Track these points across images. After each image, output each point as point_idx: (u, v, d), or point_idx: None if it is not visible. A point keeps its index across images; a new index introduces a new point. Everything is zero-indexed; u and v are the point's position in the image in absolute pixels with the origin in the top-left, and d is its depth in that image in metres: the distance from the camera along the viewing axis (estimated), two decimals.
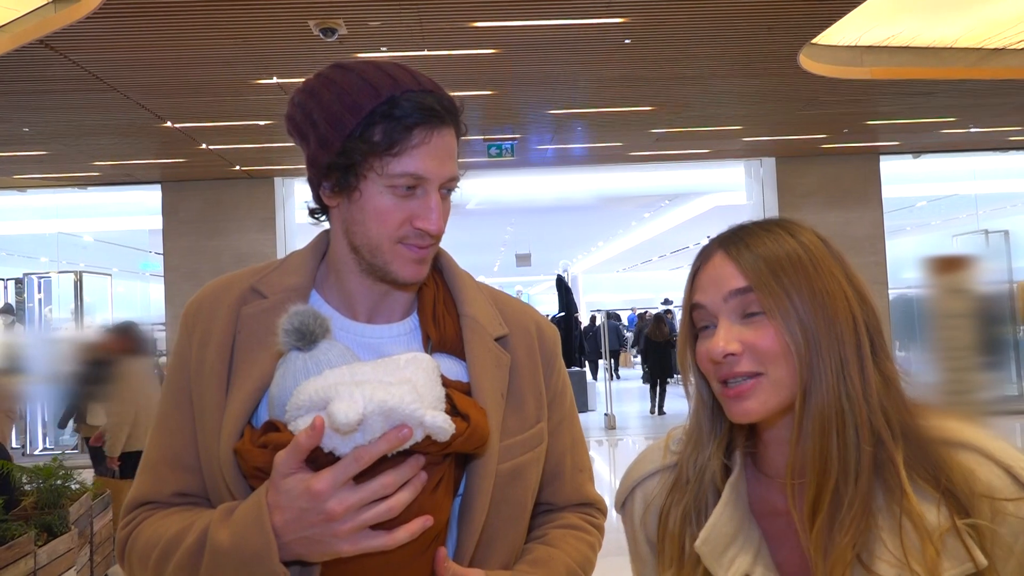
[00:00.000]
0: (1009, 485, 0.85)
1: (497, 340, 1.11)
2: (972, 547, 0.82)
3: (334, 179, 1.02)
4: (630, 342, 19.70)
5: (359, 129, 0.99)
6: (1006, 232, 11.45)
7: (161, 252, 10.31)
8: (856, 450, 0.87)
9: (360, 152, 0.99)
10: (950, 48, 6.97)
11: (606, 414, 10.83)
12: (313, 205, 1.10)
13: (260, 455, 0.92)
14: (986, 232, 11.33)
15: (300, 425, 0.88)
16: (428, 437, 0.87)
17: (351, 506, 0.86)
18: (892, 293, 10.51)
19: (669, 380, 12.20)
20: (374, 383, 0.87)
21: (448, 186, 1.04)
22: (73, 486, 4.71)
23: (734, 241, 0.94)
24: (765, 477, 0.98)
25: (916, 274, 6.68)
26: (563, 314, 12.42)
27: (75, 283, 10.73)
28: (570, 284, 12.73)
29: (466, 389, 1.03)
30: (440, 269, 1.17)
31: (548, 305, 14.65)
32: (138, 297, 14.09)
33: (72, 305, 10.67)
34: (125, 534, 1.05)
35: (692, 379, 0.99)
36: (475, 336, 1.09)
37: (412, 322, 1.11)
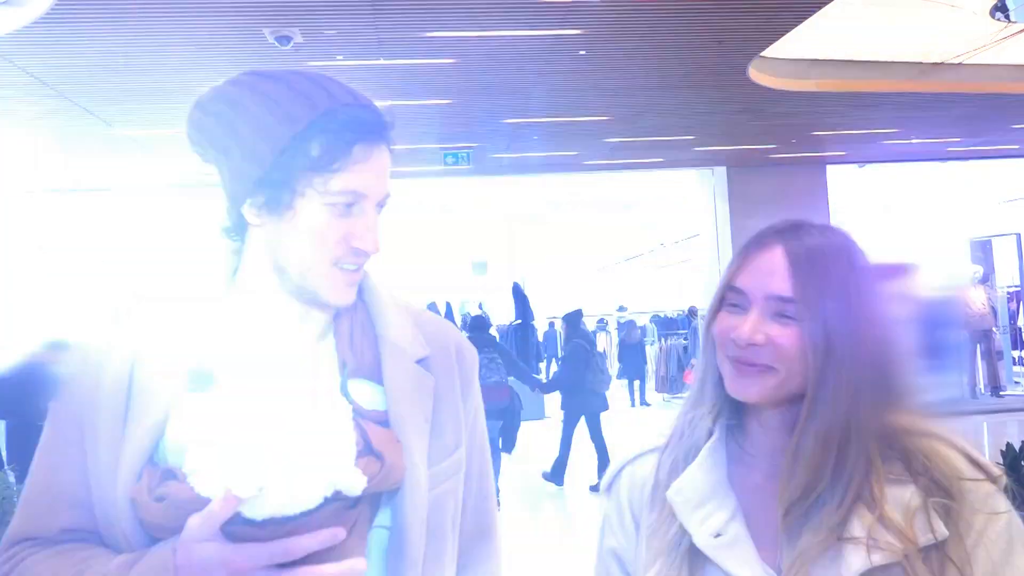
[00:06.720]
0: (968, 468, 0.95)
1: (418, 362, 1.06)
2: (934, 520, 0.91)
3: (264, 196, 0.96)
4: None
5: (295, 142, 0.93)
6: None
7: None
8: (851, 465, 0.94)
9: (297, 167, 0.94)
10: (893, 62, 7.20)
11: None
12: (227, 223, 1.02)
13: (158, 510, 0.87)
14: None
15: (198, 482, 0.84)
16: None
17: None
18: None
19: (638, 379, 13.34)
20: (277, 442, 0.83)
21: (383, 203, 1.01)
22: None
23: (794, 238, 0.98)
24: (747, 455, 1.02)
25: None
26: (520, 322, 12.44)
27: None
28: (526, 292, 12.76)
29: (383, 418, 0.99)
30: (360, 288, 1.08)
31: (504, 313, 14.71)
32: None
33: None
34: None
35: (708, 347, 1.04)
36: (394, 361, 1.04)
37: (328, 346, 1.05)
